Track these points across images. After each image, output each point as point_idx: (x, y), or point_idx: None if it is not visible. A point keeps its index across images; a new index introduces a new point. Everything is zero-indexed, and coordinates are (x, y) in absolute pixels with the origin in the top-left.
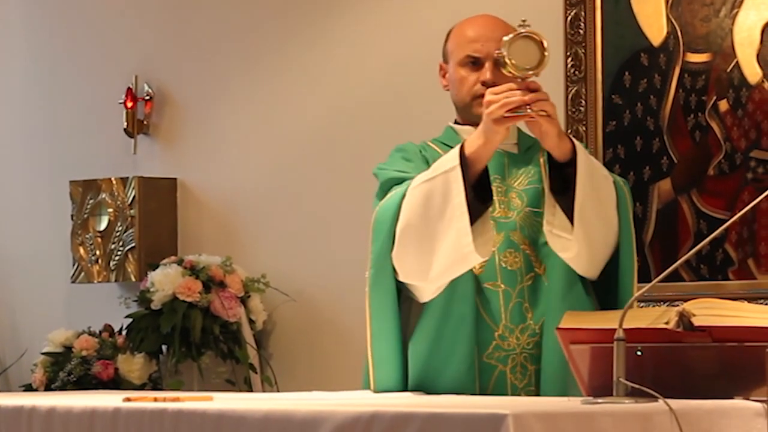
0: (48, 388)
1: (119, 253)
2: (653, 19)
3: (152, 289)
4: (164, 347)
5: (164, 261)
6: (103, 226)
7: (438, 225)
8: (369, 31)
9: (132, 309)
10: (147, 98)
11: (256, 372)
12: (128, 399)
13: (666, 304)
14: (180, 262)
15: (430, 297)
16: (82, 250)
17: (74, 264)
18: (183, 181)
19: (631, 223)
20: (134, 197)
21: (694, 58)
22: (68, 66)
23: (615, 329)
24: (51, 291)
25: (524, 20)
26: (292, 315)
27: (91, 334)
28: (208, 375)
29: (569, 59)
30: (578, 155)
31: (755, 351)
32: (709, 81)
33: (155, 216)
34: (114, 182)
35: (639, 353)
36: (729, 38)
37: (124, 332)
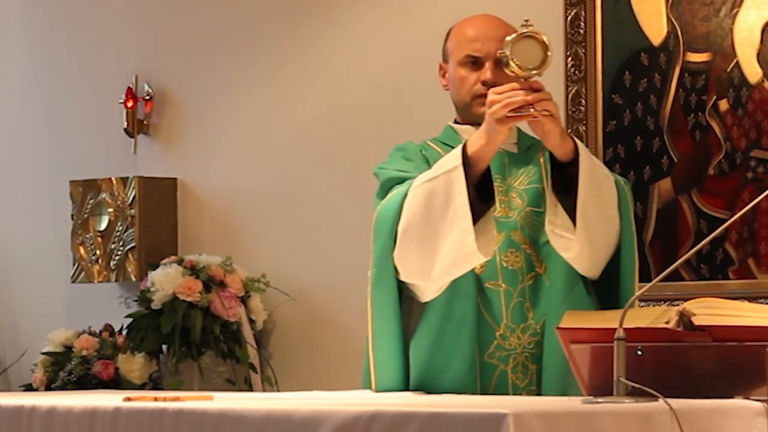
0: (48, 388)
1: (119, 253)
2: (653, 19)
3: (152, 289)
4: (164, 347)
5: (164, 261)
6: (104, 226)
7: (440, 224)
8: (368, 31)
9: (132, 309)
10: (147, 98)
11: (257, 372)
12: (128, 399)
13: (666, 304)
14: (180, 262)
15: (432, 297)
16: (83, 250)
17: (74, 264)
18: (183, 181)
19: (633, 223)
20: (134, 197)
21: (695, 58)
22: (68, 66)
23: (615, 329)
24: (51, 291)
25: (527, 20)
26: (293, 315)
27: (92, 334)
28: (209, 375)
29: (569, 59)
30: (580, 155)
31: (755, 350)
32: (710, 80)
33: (155, 216)
34: (114, 182)
35: (639, 353)
36: (729, 38)
37: (125, 332)
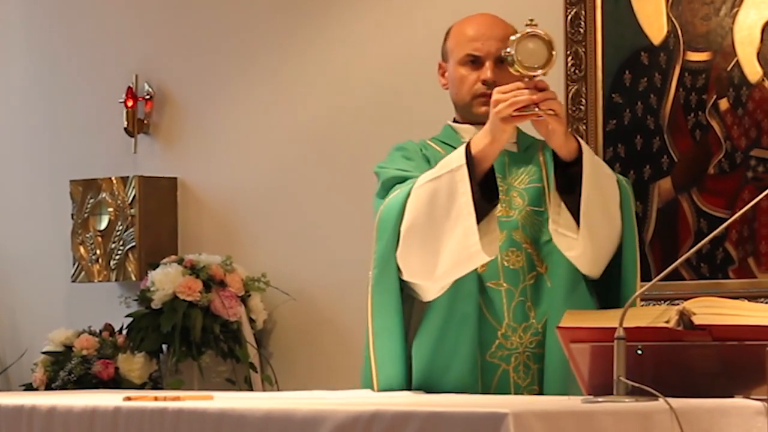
0: (48, 388)
1: (119, 253)
2: (653, 18)
3: (152, 289)
4: (164, 346)
5: (164, 260)
6: (104, 226)
7: (444, 224)
8: (368, 31)
9: (132, 308)
10: (147, 97)
11: (257, 371)
12: (128, 398)
13: (666, 303)
14: (180, 262)
15: (434, 296)
16: (83, 250)
17: (74, 263)
18: (183, 181)
19: (634, 222)
20: (134, 196)
21: (695, 57)
22: (68, 66)
23: (615, 328)
24: (51, 290)
25: (532, 19)
26: (293, 314)
27: (92, 334)
28: (209, 374)
29: (569, 58)
30: (584, 154)
31: (755, 350)
32: (710, 80)
33: (155, 215)
34: (114, 181)
35: (639, 352)
36: (729, 37)
37: (125, 331)
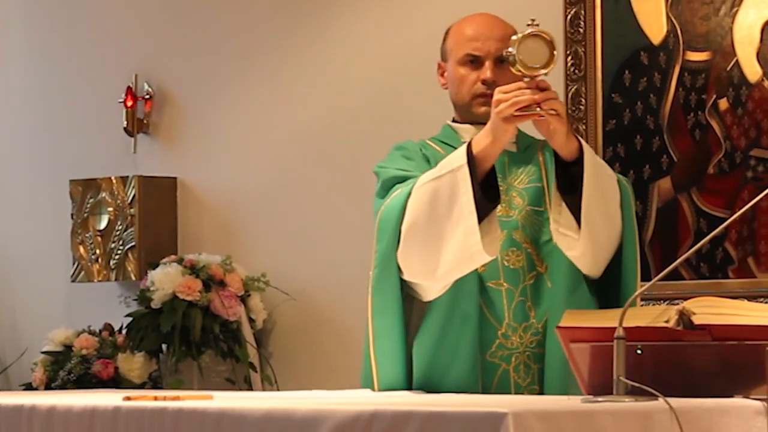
0: (48, 387)
1: (119, 252)
2: (653, 18)
3: (152, 288)
4: (164, 346)
5: (164, 260)
6: (103, 225)
7: (445, 223)
8: (368, 30)
9: (132, 308)
10: (147, 97)
11: (256, 371)
12: (128, 398)
13: (666, 303)
14: (180, 261)
15: (435, 296)
16: (82, 249)
17: (74, 263)
18: (183, 180)
19: (634, 222)
20: (134, 196)
21: (694, 57)
22: (68, 65)
23: (615, 328)
24: (51, 290)
25: (533, 19)
26: (292, 314)
27: (91, 333)
28: (208, 374)
29: (569, 58)
30: (585, 154)
31: (755, 349)
32: (709, 79)
33: (155, 215)
34: (114, 181)
35: (639, 352)
36: (729, 37)
37: (124, 331)
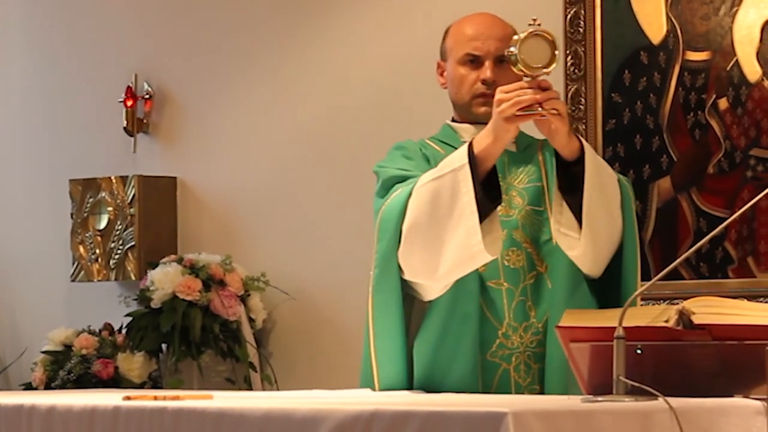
0: (48, 387)
1: (119, 252)
2: (653, 18)
3: (152, 288)
4: (164, 346)
5: (164, 260)
6: (103, 225)
7: (446, 223)
8: (368, 30)
9: (132, 308)
10: (147, 97)
11: (256, 370)
12: (128, 398)
13: (666, 303)
14: (180, 261)
15: (436, 295)
16: (82, 249)
17: (74, 263)
18: (183, 180)
19: (635, 222)
20: (134, 196)
21: (694, 57)
22: (68, 65)
23: (615, 327)
24: (51, 290)
25: (535, 19)
26: (292, 313)
27: (91, 333)
28: (208, 374)
29: (569, 57)
30: (586, 154)
31: (755, 349)
32: (709, 79)
33: (155, 215)
34: (114, 181)
35: (639, 351)
36: (729, 36)
37: (124, 331)
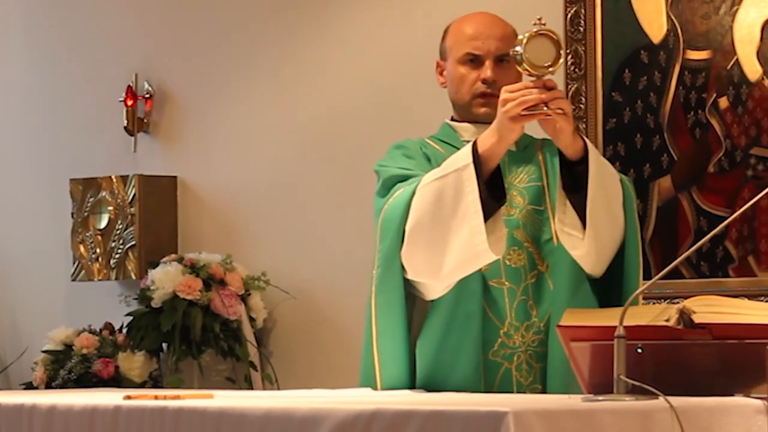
0: (48, 386)
1: (119, 251)
2: (653, 17)
3: (152, 287)
4: (164, 345)
5: (164, 259)
6: (104, 224)
7: (450, 223)
8: (368, 29)
9: (132, 307)
10: (147, 96)
11: (257, 370)
12: (129, 397)
13: (666, 302)
14: (180, 260)
15: (438, 295)
16: (83, 248)
17: (74, 262)
18: (183, 179)
19: (637, 221)
20: (134, 195)
21: (694, 56)
22: (68, 65)
23: (615, 326)
24: (51, 289)
25: (540, 18)
26: (293, 313)
27: (92, 332)
28: (209, 373)
29: (569, 57)
30: (590, 154)
31: (755, 348)
32: (709, 78)
33: (155, 214)
34: (114, 180)
35: (639, 350)
36: (729, 35)
37: (125, 330)
